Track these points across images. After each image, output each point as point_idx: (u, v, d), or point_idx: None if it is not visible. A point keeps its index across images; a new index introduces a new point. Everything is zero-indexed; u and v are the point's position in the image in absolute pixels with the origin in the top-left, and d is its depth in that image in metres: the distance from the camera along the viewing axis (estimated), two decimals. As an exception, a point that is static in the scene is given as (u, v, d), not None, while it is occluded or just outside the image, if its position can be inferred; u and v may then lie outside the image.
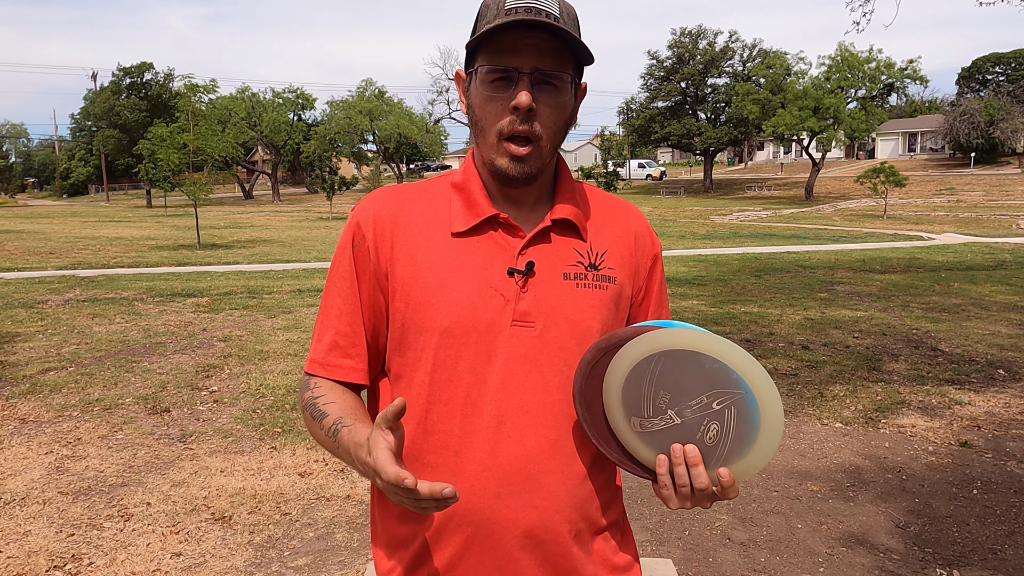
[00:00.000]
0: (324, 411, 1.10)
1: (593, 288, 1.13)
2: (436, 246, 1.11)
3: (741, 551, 3.27)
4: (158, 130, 19.80)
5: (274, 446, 4.54)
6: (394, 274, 1.12)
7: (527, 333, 1.09)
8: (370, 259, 1.13)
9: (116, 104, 54.12)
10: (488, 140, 1.09)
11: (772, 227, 23.80)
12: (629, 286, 1.19)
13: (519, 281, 1.10)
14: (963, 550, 3.26)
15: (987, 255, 14.87)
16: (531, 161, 1.08)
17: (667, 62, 49.71)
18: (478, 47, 1.07)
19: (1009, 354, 6.61)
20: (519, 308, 1.09)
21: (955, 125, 49.09)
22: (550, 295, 1.11)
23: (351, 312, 1.15)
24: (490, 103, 1.07)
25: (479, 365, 1.08)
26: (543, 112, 1.06)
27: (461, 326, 1.08)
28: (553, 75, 1.06)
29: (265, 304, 9.66)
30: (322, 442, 1.11)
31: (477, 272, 1.10)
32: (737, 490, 0.99)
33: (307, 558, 3.23)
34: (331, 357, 1.15)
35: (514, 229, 1.12)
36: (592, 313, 1.12)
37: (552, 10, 1.04)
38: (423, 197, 1.17)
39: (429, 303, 1.09)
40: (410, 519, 1.13)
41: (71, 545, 3.32)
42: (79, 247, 18.54)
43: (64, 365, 6.49)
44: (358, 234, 1.14)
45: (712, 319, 8.31)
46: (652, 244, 1.24)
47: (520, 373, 1.09)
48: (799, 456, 4.36)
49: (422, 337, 1.10)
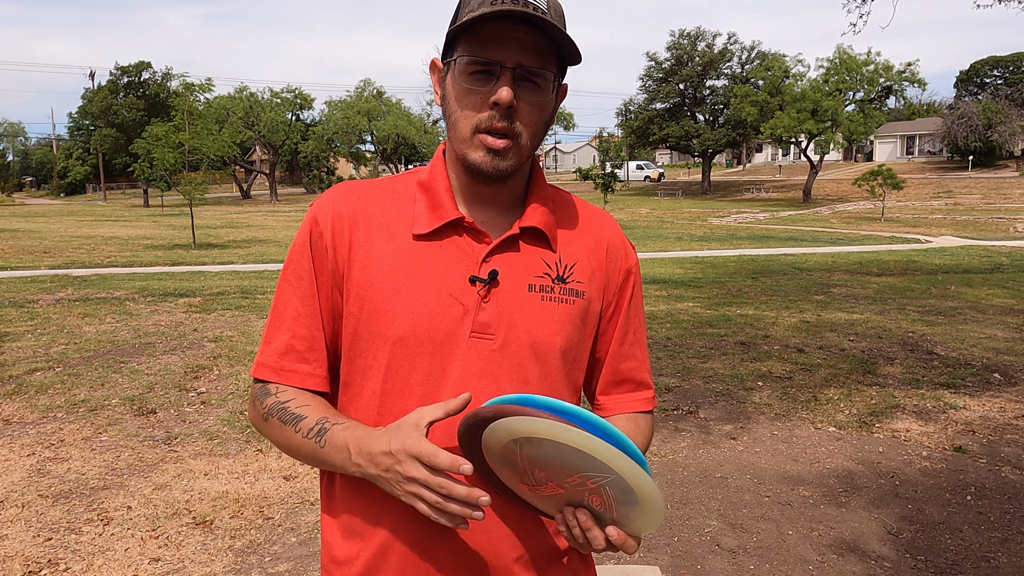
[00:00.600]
0: (299, 414, 1.03)
1: (559, 302, 1.07)
2: (396, 249, 1.05)
3: (730, 558, 3.22)
4: (154, 129, 19.75)
5: (260, 449, 4.48)
6: (350, 276, 1.05)
7: (486, 346, 1.03)
8: (328, 258, 1.06)
9: (114, 103, 54.00)
10: (461, 134, 1.02)
11: (769, 229, 23.78)
12: (598, 301, 1.12)
13: (481, 290, 1.04)
14: (956, 558, 3.20)
15: (984, 258, 14.83)
16: (507, 156, 1.01)
17: (666, 64, 49.70)
18: (458, 35, 1.01)
19: (1005, 358, 6.56)
20: (479, 319, 1.03)
21: (953, 128, 49.13)
22: (512, 307, 1.05)
23: (310, 314, 1.07)
24: (468, 96, 1.01)
25: (433, 377, 1.02)
26: (523, 110, 1.00)
27: (416, 335, 1.02)
28: (536, 72, 1.00)
29: (258, 304, 9.60)
30: (295, 446, 1.03)
31: (437, 278, 1.03)
32: (634, 546, 0.93)
33: (288, 564, 3.17)
34: (285, 362, 1.08)
35: (480, 235, 1.06)
36: (556, 329, 1.06)
37: (539, 3, 0.98)
38: (386, 195, 1.10)
39: (384, 309, 1.03)
40: (355, 536, 1.07)
41: (48, 550, 3.25)
42: (74, 246, 18.47)
43: (51, 365, 6.43)
44: (315, 231, 1.07)
45: (708, 321, 8.26)
46: (626, 257, 1.17)
47: (477, 387, 1.02)
48: (791, 461, 4.31)
49: (374, 345, 1.03)
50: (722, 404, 5.34)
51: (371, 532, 1.05)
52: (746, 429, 4.83)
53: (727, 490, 3.92)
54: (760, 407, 5.26)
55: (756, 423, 4.94)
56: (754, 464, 4.26)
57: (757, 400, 5.42)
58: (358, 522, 1.06)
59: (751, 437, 4.69)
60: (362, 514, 1.06)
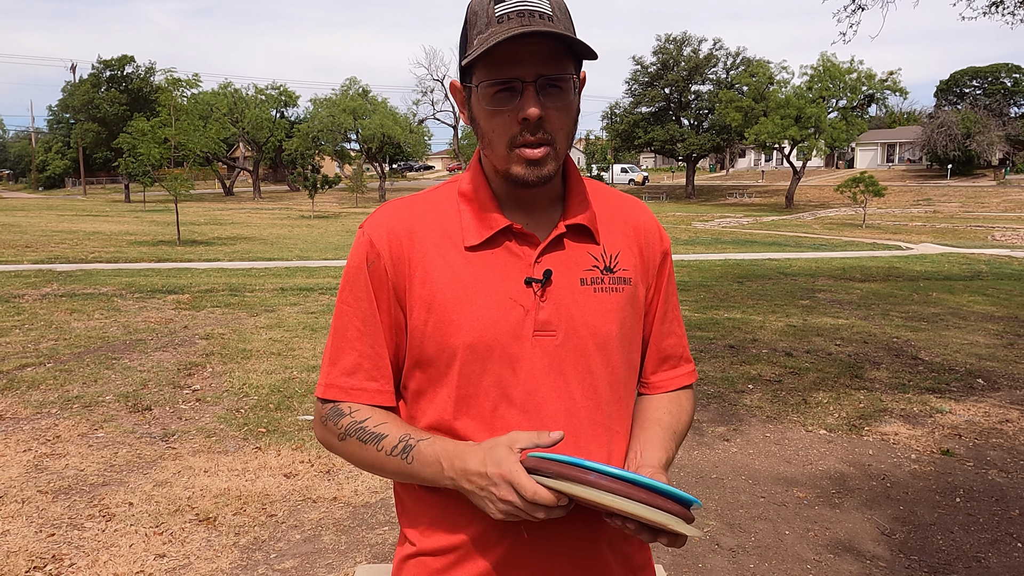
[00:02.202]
0: (380, 432, 1.08)
1: (610, 291, 1.12)
2: (451, 261, 1.09)
3: (730, 557, 3.28)
4: (139, 124, 19.60)
5: (258, 446, 4.49)
6: (411, 291, 1.09)
7: (549, 342, 1.08)
8: (388, 277, 1.10)
9: (95, 97, 53.35)
10: (499, 152, 1.06)
11: (753, 234, 24.00)
12: (642, 285, 1.18)
13: (537, 290, 1.08)
14: (948, 558, 3.29)
15: (964, 265, 15.09)
16: (547, 163, 1.05)
17: (652, 68, 50.02)
18: (475, 61, 1.03)
19: (987, 363, 6.71)
20: (540, 317, 1.08)
21: (933, 137, 49.88)
22: (569, 302, 1.10)
23: (372, 333, 1.11)
24: (496, 116, 1.04)
25: (504, 378, 1.07)
26: (552, 116, 1.04)
27: (484, 341, 1.07)
28: (558, 78, 1.03)
29: (247, 302, 9.57)
30: (379, 464, 1.08)
31: (495, 284, 1.08)
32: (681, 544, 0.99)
33: (294, 560, 3.20)
34: (353, 380, 1.12)
35: (528, 238, 1.10)
36: (611, 317, 1.12)
37: (545, 9, 1.01)
38: (433, 209, 1.14)
39: (450, 319, 1.07)
40: (443, 530, 1.12)
41: (51, 545, 3.25)
42: (56, 241, 18.26)
43: (42, 361, 6.38)
44: (372, 252, 1.11)
45: (696, 324, 8.36)
46: (661, 240, 1.23)
47: (545, 383, 1.07)
48: (785, 462, 4.39)
49: (445, 354, 1.08)
50: (714, 406, 5.42)
51: (451, 536, 1.10)
52: (739, 431, 4.91)
53: (723, 491, 3.99)
54: (752, 409, 5.35)
55: (748, 425, 5.02)
56: (748, 465, 4.34)
57: (748, 403, 5.51)
58: (440, 522, 1.12)
59: (744, 439, 4.76)
60: (440, 521, 1.12)
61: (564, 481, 0.93)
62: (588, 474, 0.92)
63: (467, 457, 1.01)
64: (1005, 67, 59.14)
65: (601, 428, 1.11)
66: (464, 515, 1.08)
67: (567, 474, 0.93)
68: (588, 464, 0.93)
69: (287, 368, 6.27)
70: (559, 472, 0.93)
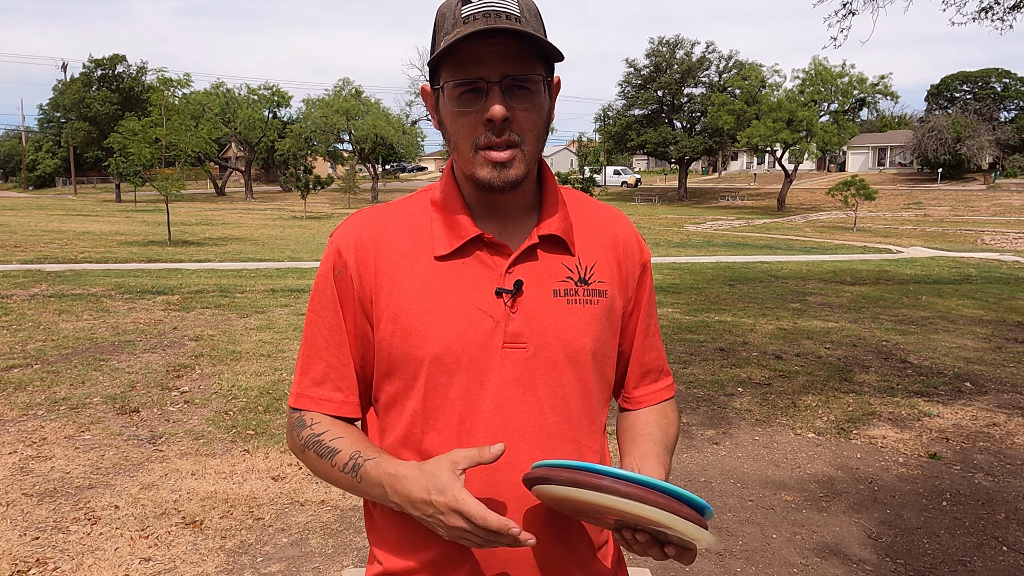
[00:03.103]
0: (334, 447, 1.06)
1: (584, 304, 1.10)
2: (420, 271, 1.07)
3: (718, 561, 3.29)
4: (130, 123, 19.49)
5: (246, 449, 4.47)
6: (378, 301, 1.07)
7: (519, 354, 1.06)
8: (353, 287, 1.08)
9: (87, 96, 53.06)
10: (464, 155, 1.04)
11: (745, 237, 24.08)
12: (620, 298, 1.15)
13: (508, 301, 1.06)
14: (934, 561, 3.30)
15: (953, 269, 15.18)
16: (514, 166, 1.02)
17: (645, 71, 50.13)
18: (440, 61, 1.02)
19: (975, 367, 6.74)
20: (509, 329, 1.05)
21: (923, 141, 50.18)
22: (541, 313, 1.07)
23: (338, 344, 1.10)
24: (461, 118, 1.02)
25: (472, 390, 1.05)
26: (520, 118, 1.01)
27: (451, 352, 1.04)
28: (524, 79, 1.00)
29: (238, 303, 9.53)
30: (334, 479, 1.07)
31: (464, 295, 1.06)
32: (692, 558, 0.96)
33: (280, 564, 3.18)
34: (321, 391, 1.11)
35: (499, 247, 1.08)
36: (584, 330, 1.09)
37: (512, 10, 0.99)
38: (403, 219, 1.12)
39: (416, 331, 1.05)
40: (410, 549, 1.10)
41: (36, 548, 3.22)
42: (45, 241, 18.15)
43: (29, 362, 6.34)
44: (339, 262, 1.09)
45: (687, 327, 8.37)
46: (640, 252, 1.20)
47: (515, 396, 1.05)
48: (773, 466, 4.40)
49: (411, 365, 1.06)
50: (704, 409, 5.43)
51: (418, 553, 1.09)
52: (728, 434, 4.92)
53: (711, 494, 3.99)
54: (741, 413, 5.36)
55: (738, 428, 5.03)
56: (737, 469, 4.35)
57: (738, 406, 5.52)
58: (407, 540, 1.10)
59: (733, 442, 4.77)
60: (407, 537, 1.09)
61: (578, 488, 0.88)
62: (603, 479, 0.87)
63: (409, 484, 0.97)
64: (995, 72, 59.57)
65: (571, 443, 1.09)
66: (430, 533, 1.04)
67: (581, 481, 0.88)
68: (600, 468, 0.88)
69: (276, 370, 6.25)
70: (572, 480, 0.89)
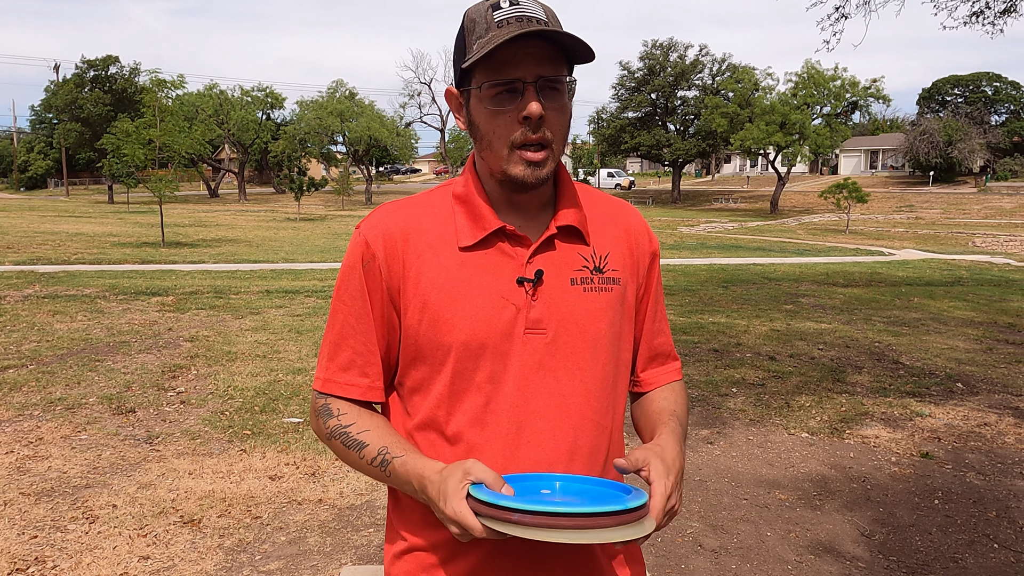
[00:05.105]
0: (361, 440, 1.12)
1: (599, 291, 1.16)
2: (446, 262, 1.13)
3: (712, 558, 3.32)
4: (123, 125, 19.43)
5: (243, 448, 4.48)
6: (406, 291, 1.13)
7: (539, 340, 1.12)
8: (382, 277, 1.14)
9: (79, 97, 52.78)
10: (499, 153, 1.10)
11: (738, 239, 24.16)
12: (632, 285, 1.22)
13: (529, 290, 1.12)
14: (926, 558, 3.34)
15: (945, 271, 15.27)
16: (546, 165, 1.10)
17: (638, 73, 50.20)
18: (476, 64, 1.07)
19: (967, 368, 6.80)
20: (531, 316, 1.12)
21: (915, 144, 50.43)
22: (560, 301, 1.13)
23: (365, 331, 1.16)
24: (498, 117, 1.08)
25: (496, 374, 1.11)
26: (550, 118, 1.08)
27: (477, 338, 1.10)
28: (555, 79, 1.07)
29: (232, 304, 9.53)
30: (362, 469, 1.13)
31: (488, 284, 1.12)
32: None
33: (279, 562, 3.20)
34: (348, 376, 1.16)
35: (520, 239, 1.14)
36: (599, 316, 1.16)
37: (540, 15, 1.05)
38: (427, 211, 1.17)
39: (444, 319, 1.11)
40: (433, 526, 1.13)
41: (34, 547, 3.23)
42: (38, 242, 18.09)
43: (24, 363, 6.33)
44: (367, 253, 1.15)
45: (682, 328, 8.41)
46: (650, 242, 1.27)
47: (535, 380, 1.11)
48: (767, 465, 4.44)
49: (439, 352, 1.12)
50: (698, 409, 5.47)
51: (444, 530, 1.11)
52: (722, 434, 4.95)
53: (707, 493, 4.03)
54: (735, 413, 5.40)
55: (732, 428, 5.07)
56: (731, 468, 4.38)
57: (732, 406, 5.56)
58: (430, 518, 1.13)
59: (727, 442, 4.81)
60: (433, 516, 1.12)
61: (499, 522, 0.93)
62: (511, 514, 0.91)
63: (428, 486, 1.03)
64: (986, 76, 59.96)
65: (590, 424, 1.14)
66: None
67: (496, 516, 0.93)
68: (512, 504, 0.91)
69: (272, 371, 6.26)
70: (489, 514, 0.93)
